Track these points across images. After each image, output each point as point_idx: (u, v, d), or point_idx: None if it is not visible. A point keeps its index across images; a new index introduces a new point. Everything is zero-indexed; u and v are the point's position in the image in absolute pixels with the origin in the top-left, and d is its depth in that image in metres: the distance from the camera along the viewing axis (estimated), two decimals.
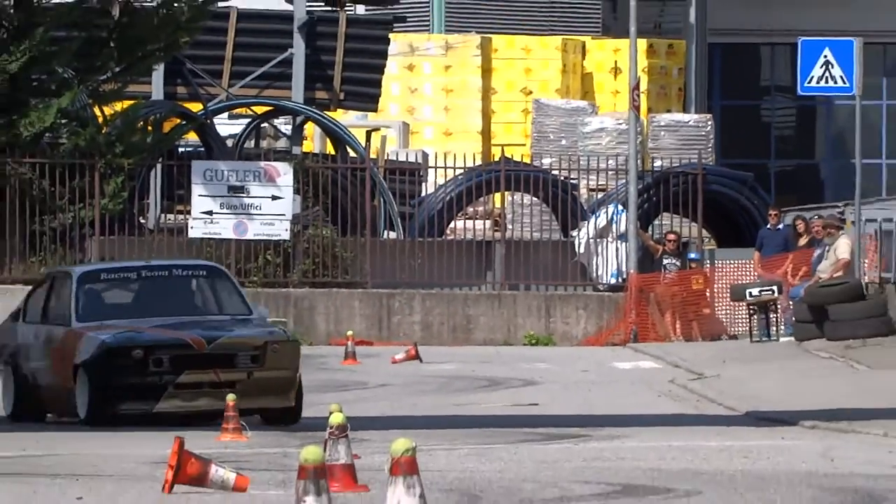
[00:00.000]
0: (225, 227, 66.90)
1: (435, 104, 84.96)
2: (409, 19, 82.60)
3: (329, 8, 74.76)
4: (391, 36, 78.42)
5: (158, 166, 69.95)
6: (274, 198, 67.75)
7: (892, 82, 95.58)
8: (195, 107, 73.26)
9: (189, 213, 67.96)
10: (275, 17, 74.56)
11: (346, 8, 75.59)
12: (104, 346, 34.75)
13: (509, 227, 72.51)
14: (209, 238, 68.68)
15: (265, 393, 34.91)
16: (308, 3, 74.05)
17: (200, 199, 67.66)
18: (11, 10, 67.08)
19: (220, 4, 72.45)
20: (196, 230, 66.87)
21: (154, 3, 69.08)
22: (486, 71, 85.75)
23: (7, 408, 40.80)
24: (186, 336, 34.85)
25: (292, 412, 35.57)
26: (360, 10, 76.70)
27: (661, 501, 21.58)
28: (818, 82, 67.98)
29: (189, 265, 41.32)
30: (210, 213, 67.28)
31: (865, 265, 63.90)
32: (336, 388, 43.73)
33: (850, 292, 62.80)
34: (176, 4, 68.91)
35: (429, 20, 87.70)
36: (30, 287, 65.13)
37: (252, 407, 34.32)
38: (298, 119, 74.27)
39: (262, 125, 75.11)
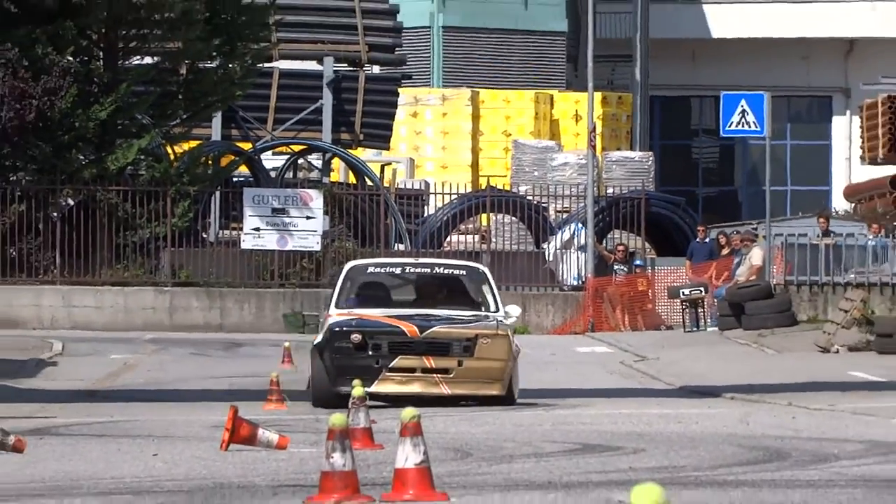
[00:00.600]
0: (269, 241, 66.84)
1: (434, 144, 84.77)
2: (413, 77, 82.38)
3: (351, 68, 74.48)
4: (400, 90, 78.32)
5: (217, 192, 69.72)
6: (308, 217, 67.74)
7: (794, 127, 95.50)
8: (246, 146, 73.08)
9: (241, 229, 67.86)
10: (308, 76, 74.22)
11: (365, 68, 75.35)
12: (330, 329, 33.01)
13: (493, 240, 72.55)
14: (257, 249, 68.04)
15: (475, 380, 33.02)
16: (335, 65, 73.83)
17: (250, 219, 67.68)
18: (101, 70, 66.91)
19: (266, 66, 72.29)
20: (247, 243, 66.76)
21: (214, 65, 68.90)
22: (475, 117, 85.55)
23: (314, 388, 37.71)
24: (402, 324, 33.20)
25: (502, 399, 33.09)
26: (376, 69, 76.38)
27: (613, 457, 21.49)
28: (736, 126, 67.84)
29: (452, 265, 39.97)
30: (258, 229, 67.19)
31: (774, 270, 63.72)
32: None
33: (761, 292, 62.71)
34: (231, 66, 68.76)
35: (429, 77, 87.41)
36: (117, 287, 67.07)
37: (462, 393, 33.05)
38: (327, 155, 74.11)
39: (299, 160, 74.89)
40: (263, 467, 20.06)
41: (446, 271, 36.47)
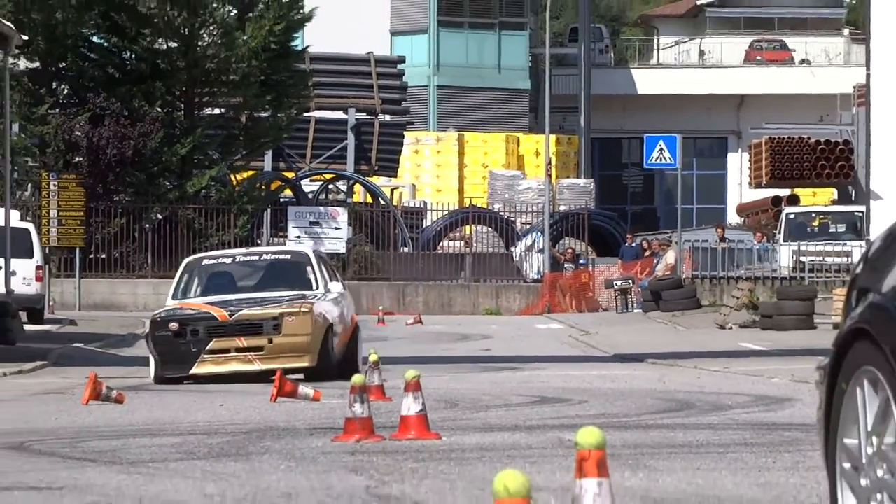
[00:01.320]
0: (307, 246, 66.64)
1: (430, 173, 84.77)
2: (415, 123, 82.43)
3: (368, 116, 74.44)
4: (405, 133, 78.44)
5: (268, 210, 69.50)
6: (336, 228, 67.71)
7: (699, 160, 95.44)
8: (289, 174, 73.06)
9: (286, 237, 67.70)
10: (337, 122, 74.24)
11: (379, 117, 75.33)
12: (152, 321, 29.36)
13: (474, 245, 72.78)
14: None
15: (285, 354, 28.74)
16: (356, 114, 73.81)
17: (293, 229, 67.60)
18: (182, 118, 66.89)
19: (305, 115, 72.31)
20: (293, 247, 66.63)
21: (266, 114, 68.78)
22: (461, 153, 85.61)
23: None
24: (213, 310, 29.00)
25: (314, 370, 28.92)
26: (387, 117, 76.34)
27: (564, 407, 21.51)
28: (656, 160, 67.62)
29: (278, 251, 36.04)
30: (298, 237, 67.04)
31: (684, 267, 63.61)
32: (373, 339, 41.24)
33: (674, 283, 62.67)
34: (279, 115, 68.70)
35: (427, 123, 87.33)
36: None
37: (274, 367, 27.26)
38: (350, 182, 74.23)
39: (329, 185, 74.86)
40: (302, 414, 20.05)
41: (273, 258, 33.20)
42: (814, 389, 8.20)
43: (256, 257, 33.45)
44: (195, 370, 28.17)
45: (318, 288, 30.28)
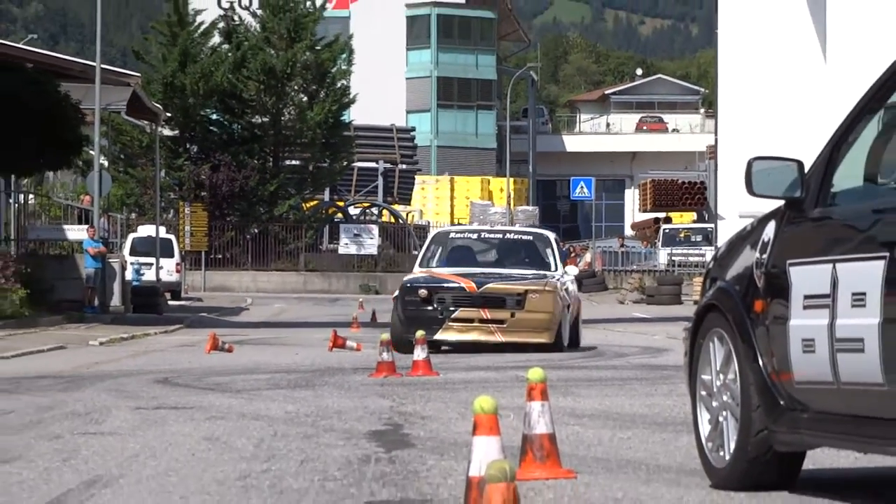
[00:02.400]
0: (352, 249, 66.29)
1: (432, 202, 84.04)
2: (422, 170, 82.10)
3: (391, 165, 74.02)
4: (416, 176, 78.15)
5: (327, 226, 69.18)
6: (370, 238, 67.19)
7: (606, 194, 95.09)
8: (340, 203, 72.61)
9: (339, 244, 67.37)
10: (371, 169, 73.52)
11: (399, 165, 74.95)
12: (403, 285, 23.18)
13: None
14: (346, 253, 65.99)
15: (525, 329, 21.97)
16: (383, 163, 73.40)
17: (343, 238, 66.82)
18: (271, 166, 66.76)
19: (350, 165, 71.94)
20: (341, 250, 65.95)
21: (326, 164, 68.61)
22: (452, 190, 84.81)
23: None
24: (462, 281, 22.36)
25: (550, 346, 22.03)
26: (403, 166, 75.89)
27: (518, 355, 21.30)
28: (578, 194, 67.59)
29: (522, 231, 26.49)
30: (347, 244, 66.67)
31: (597, 264, 63.41)
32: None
33: (590, 274, 62.44)
34: (334, 165, 68.64)
35: (430, 170, 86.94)
36: (279, 272, 67.85)
37: (514, 340, 22.07)
38: (380, 208, 73.72)
39: (366, 210, 74.30)
40: (349, 359, 19.90)
41: (516, 237, 25.51)
42: (681, 343, 8.19)
43: (500, 235, 25.68)
44: (439, 336, 21.76)
45: (555, 269, 23.59)
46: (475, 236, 25.76)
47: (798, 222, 6.74)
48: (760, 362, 6.76)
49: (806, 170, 6.74)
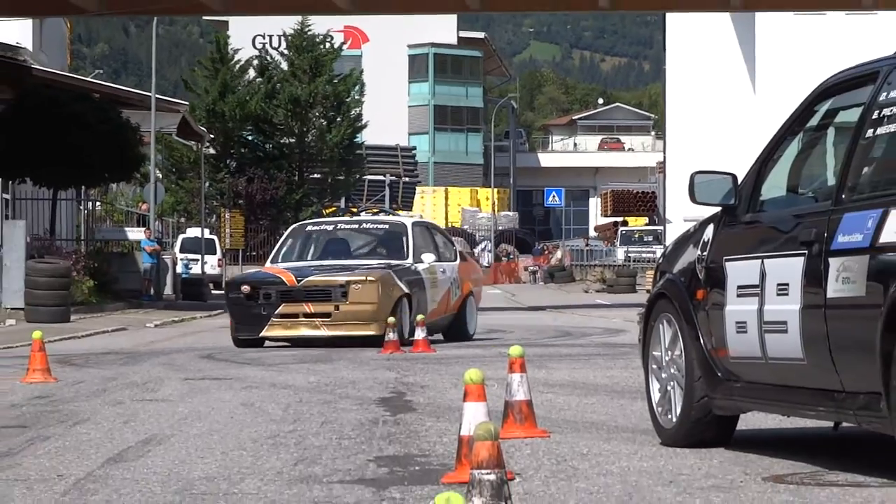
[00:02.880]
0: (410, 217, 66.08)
1: (430, 209, 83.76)
2: (422, 182, 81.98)
3: (395, 178, 73.79)
4: (416, 187, 78.00)
5: None
6: None
7: (573, 202, 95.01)
8: (354, 209, 72.09)
9: None
10: (379, 182, 73.00)
11: (402, 178, 74.75)
12: (227, 283, 19.26)
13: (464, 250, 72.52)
14: None
15: (351, 322, 17.63)
16: (389, 177, 73.14)
17: None
18: (296, 179, 66.56)
19: (362, 178, 71.77)
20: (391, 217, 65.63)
21: (342, 178, 68.38)
22: (446, 199, 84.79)
23: None
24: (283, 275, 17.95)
25: (378, 339, 17.03)
26: (406, 179, 75.68)
27: (502, 333, 21.30)
28: (551, 202, 67.66)
29: (378, 220, 21.10)
30: None
31: (566, 259, 63.41)
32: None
33: (561, 268, 62.28)
34: (349, 178, 68.46)
35: (428, 182, 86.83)
36: None
37: (340, 334, 17.73)
38: (387, 214, 73.48)
39: (374, 216, 74.03)
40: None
41: (372, 226, 20.49)
42: (636, 325, 8.19)
43: (356, 226, 20.64)
44: (265, 333, 17.64)
45: (408, 258, 18.69)
46: (331, 227, 20.47)
47: (732, 225, 6.74)
48: (701, 341, 6.76)
49: (739, 181, 6.75)
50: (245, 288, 17.58)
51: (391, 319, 16.56)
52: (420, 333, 16.52)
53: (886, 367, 5.32)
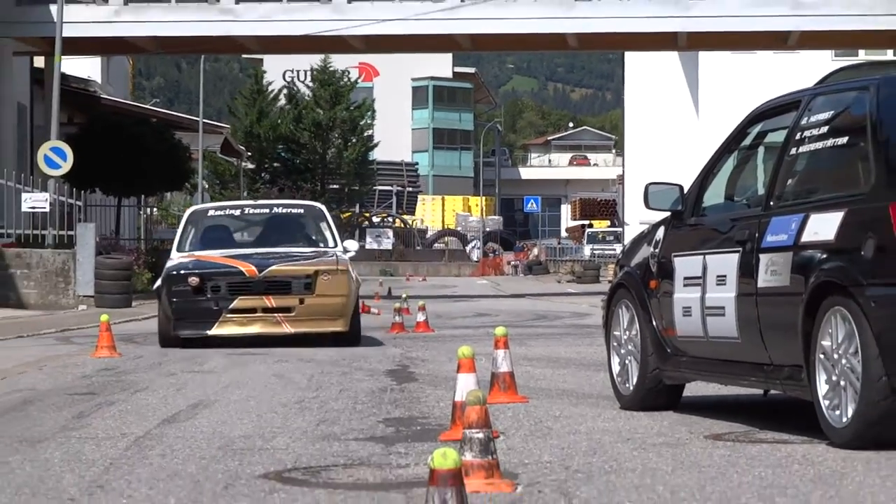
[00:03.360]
0: (375, 245, 65.88)
1: (430, 214, 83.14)
2: (423, 191, 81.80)
3: (401, 188, 73.92)
4: (419, 196, 78.00)
5: (357, 230, 67.26)
6: (387, 238, 66.91)
7: (548, 208, 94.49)
8: (367, 214, 72.20)
9: (365, 241, 66.99)
10: (387, 191, 73.37)
11: (407, 189, 74.73)
12: (167, 273, 13.59)
13: (449, 246, 72.00)
14: (372, 248, 64.13)
15: (317, 317, 12.97)
16: (396, 187, 73.15)
17: (369, 237, 65.72)
18: (318, 189, 66.43)
19: (373, 188, 71.64)
20: (368, 246, 63.70)
21: (357, 188, 68.49)
22: (443, 205, 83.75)
23: None
24: (240, 264, 13.11)
25: (345, 336, 13.07)
26: (410, 189, 75.65)
27: (489, 317, 21.14)
28: (530, 208, 67.57)
29: (290, 204, 16.30)
30: (371, 242, 65.45)
31: (542, 255, 63.28)
32: (405, 287, 37.31)
33: (538, 262, 62.19)
34: (362, 189, 68.54)
35: (428, 191, 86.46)
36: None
37: (305, 331, 13.14)
38: (394, 217, 73.32)
39: (385, 219, 73.30)
40: (373, 321, 19.35)
41: (284, 210, 15.31)
42: (600, 309, 8.19)
43: (267, 210, 15.36)
44: (215, 331, 12.96)
45: (336, 245, 14.16)
46: (238, 212, 15.31)
47: (679, 227, 6.74)
48: (654, 323, 6.76)
49: (685, 191, 6.74)
50: (193, 280, 12.90)
51: (397, 304, 16.47)
52: (421, 316, 16.49)
53: (807, 345, 5.34)
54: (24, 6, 22.85)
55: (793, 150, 5.83)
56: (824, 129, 5.52)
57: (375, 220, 73.90)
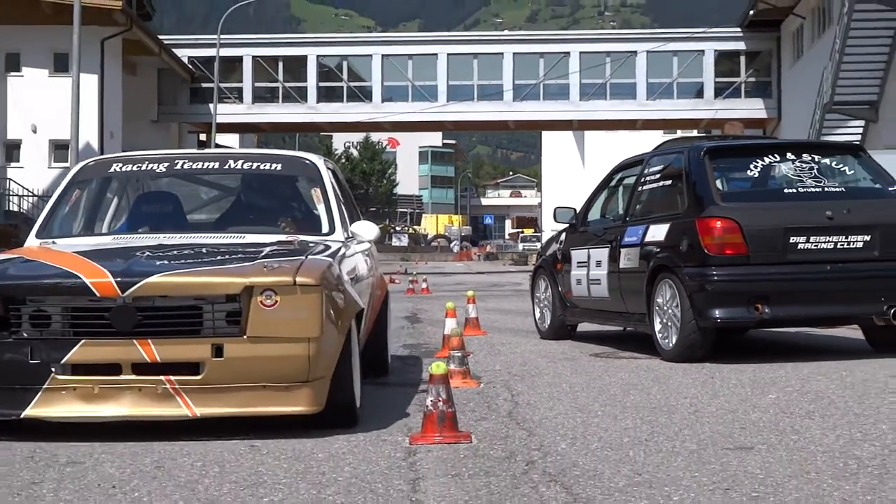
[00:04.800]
0: (396, 243, 62.09)
1: (430, 225, 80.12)
2: (425, 212, 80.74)
3: (412, 210, 73.06)
4: (423, 215, 76.93)
5: (387, 235, 59.83)
6: (404, 239, 63.64)
7: (497, 223, 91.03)
8: (392, 225, 68.79)
9: (391, 241, 60.82)
10: (404, 212, 72.49)
11: (416, 210, 73.63)
12: None
13: (441, 244, 70.04)
14: (396, 245, 58.28)
15: (250, 383, 1.51)
16: (410, 209, 72.13)
17: (394, 238, 60.22)
18: (363, 211, 63.08)
19: (397, 210, 70.48)
20: (394, 244, 58.40)
21: (386, 210, 67.18)
22: (437, 220, 79.78)
23: None
24: (87, 272, 1.54)
25: (318, 417, 1.64)
26: (417, 211, 74.48)
27: (463, 286, 19.95)
28: (487, 221, 65.99)
29: (264, 156, 2.04)
30: (396, 241, 60.62)
31: (494, 250, 62.00)
32: (413, 268, 31.89)
33: (493, 256, 60.86)
34: (389, 210, 67.25)
35: (428, 210, 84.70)
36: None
37: (221, 412, 1.51)
38: (408, 227, 71.13)
39: (403, 228, 68.66)
40: (394, 287, 16.99)
41: (247, 165, 1.92)
42: (528, 281, 8.26)
43: (214, 164, 2.09)
44: (33, 410, 1.52)
45: (332, 230, 2.17)
46: (164, 167, 2.59)
47: (573, 232, 6.82)
48: (560, 288, 6.81)
49: (577, 212, 6.84)
50: None
51: (410, 278, 15.32)
52: (424, 285, 16.20)
53: (648, 301, 5.49)
54: (195, 104, 23.58)
55: (639, 188, 6.02)
56: (657, 175, 5.74)
57: (397, 228, 73.16)
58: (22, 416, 1.74)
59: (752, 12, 18.41)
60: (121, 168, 2.41)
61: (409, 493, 1.88)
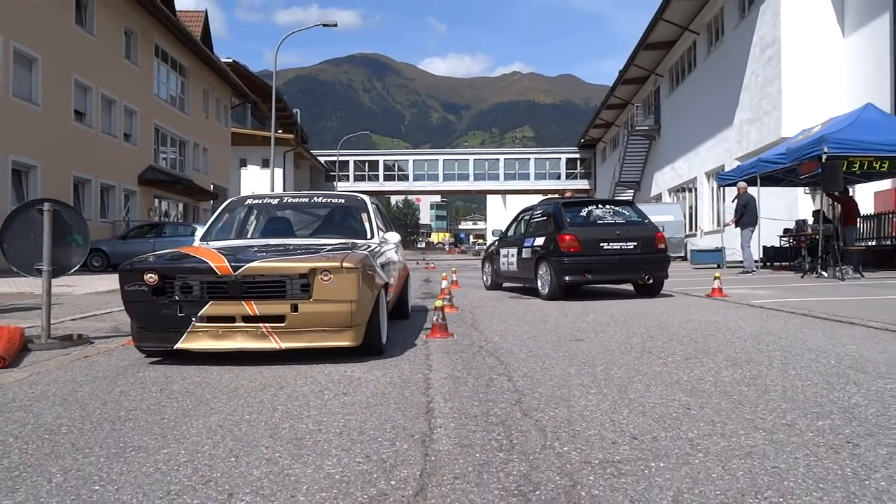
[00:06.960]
0: (420, 245, 56.93)
1: (436, 239, 73.68)
2: (432, 226, 75.23)
3: (425, 223, 67.15)
4: (432, 232, 71.25)
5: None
6: (425, 243, 59.15)
7: (469, 237, 78.60)
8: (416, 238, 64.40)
9: (416, 245, 58.23)
10: (424, 232, 66.65)
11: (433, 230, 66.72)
12: (122, 269, 1.49)
13: (438, 246, 64.32)
14: (421, 247, 55.13)
15: (316, 328, 1.50)
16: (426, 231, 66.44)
17: (419, 243, 58.18)
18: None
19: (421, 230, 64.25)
20: (418, 246, 53.19)
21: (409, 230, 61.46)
22: (439, 236, 74.99)
23: None
24: (212, 259, 1.52)
25: (359, 349, 1.62)
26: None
27: (448, 268, 12.95)
28: (463, 236, 59.33)
29: (332, 194, 2.03)
30: (419, 244, 57.59)
31: (478, 249, 53.92)
32: (429, 258, 20.01)
33: (475, 253, 57.19)
34: (415, 230, 62.76)
35: (433, 226, 79.09)
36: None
37: (299, 346, 1.60)
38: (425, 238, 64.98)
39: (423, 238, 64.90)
40: (419, 271, 11.42)
41: (324, 200, 2.30)
42: (479, 263, 8.16)
43: (306, 200, 2.56)
44: (182, 344, 1.82)
45: (372, 237, 2.45)
46: (276, 201, 3.21)
47: (502, 240, 7.89)
48: (494, 266, 7.83)
49: (504, 231, 7.84)
50: (150, 277, 2.41)
51: (424, 264, 12.11)
52: (433, 265, 13.88)
53: (535, 273, 6.76)
54: (328, 183, 27.87)
55: (531, 220, 7.35)
56: (540, 214, 7.17)
57: (419, 240, 67.67)
58: (174, 348, 2.20)
59: (582, 140, 25.33)
60: (252, 202, 3.05)
61: (424, 361, 2.55)
